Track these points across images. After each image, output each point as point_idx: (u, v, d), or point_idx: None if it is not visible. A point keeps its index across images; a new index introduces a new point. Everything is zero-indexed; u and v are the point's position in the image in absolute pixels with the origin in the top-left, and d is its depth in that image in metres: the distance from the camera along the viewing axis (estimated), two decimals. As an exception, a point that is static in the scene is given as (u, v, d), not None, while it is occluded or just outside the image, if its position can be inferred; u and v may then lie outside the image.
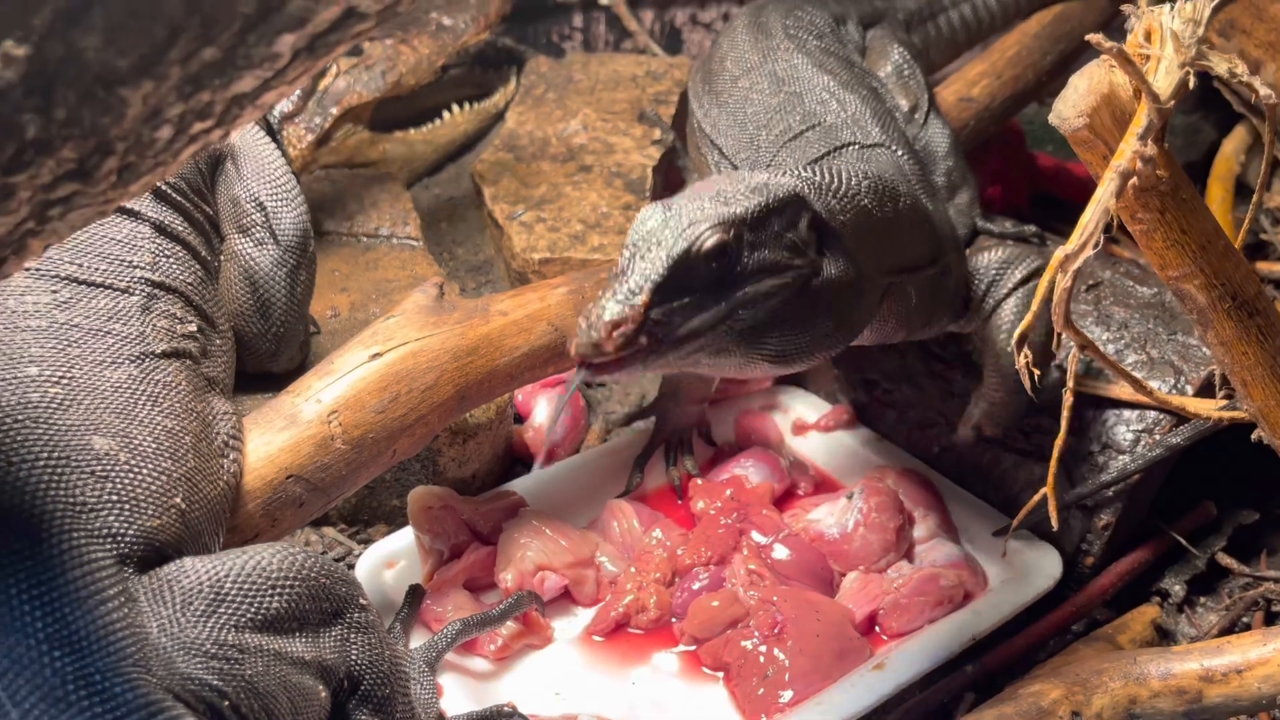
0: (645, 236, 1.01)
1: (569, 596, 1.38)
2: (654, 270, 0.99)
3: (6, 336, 1.04)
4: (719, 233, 1.01)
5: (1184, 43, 0.92)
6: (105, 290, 1.13)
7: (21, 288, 1.09)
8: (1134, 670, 1.16)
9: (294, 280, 1.42)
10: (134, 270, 1.18)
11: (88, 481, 0.96)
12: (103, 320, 1.10)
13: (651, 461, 1.54)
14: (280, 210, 1.40)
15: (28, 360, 1.02)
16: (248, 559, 0.98)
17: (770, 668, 1.25)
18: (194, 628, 0.92)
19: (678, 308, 0.99)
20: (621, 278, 0.99)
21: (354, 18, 0.64)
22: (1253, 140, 2.15)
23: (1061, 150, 2.42)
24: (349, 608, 1.05)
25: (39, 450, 0.95)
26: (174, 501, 1.01)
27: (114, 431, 1.01)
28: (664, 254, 0.99)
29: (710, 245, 1.00)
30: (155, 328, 1.15)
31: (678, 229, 1.01)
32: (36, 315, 1.07)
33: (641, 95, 2.20)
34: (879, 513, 1.41)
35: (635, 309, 0.97)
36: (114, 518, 0.95)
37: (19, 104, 0.62)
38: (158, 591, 0.94)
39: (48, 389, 1.00)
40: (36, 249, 0.75)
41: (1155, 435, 1.37)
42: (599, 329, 0.97)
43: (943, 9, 1.99)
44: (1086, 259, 0.97)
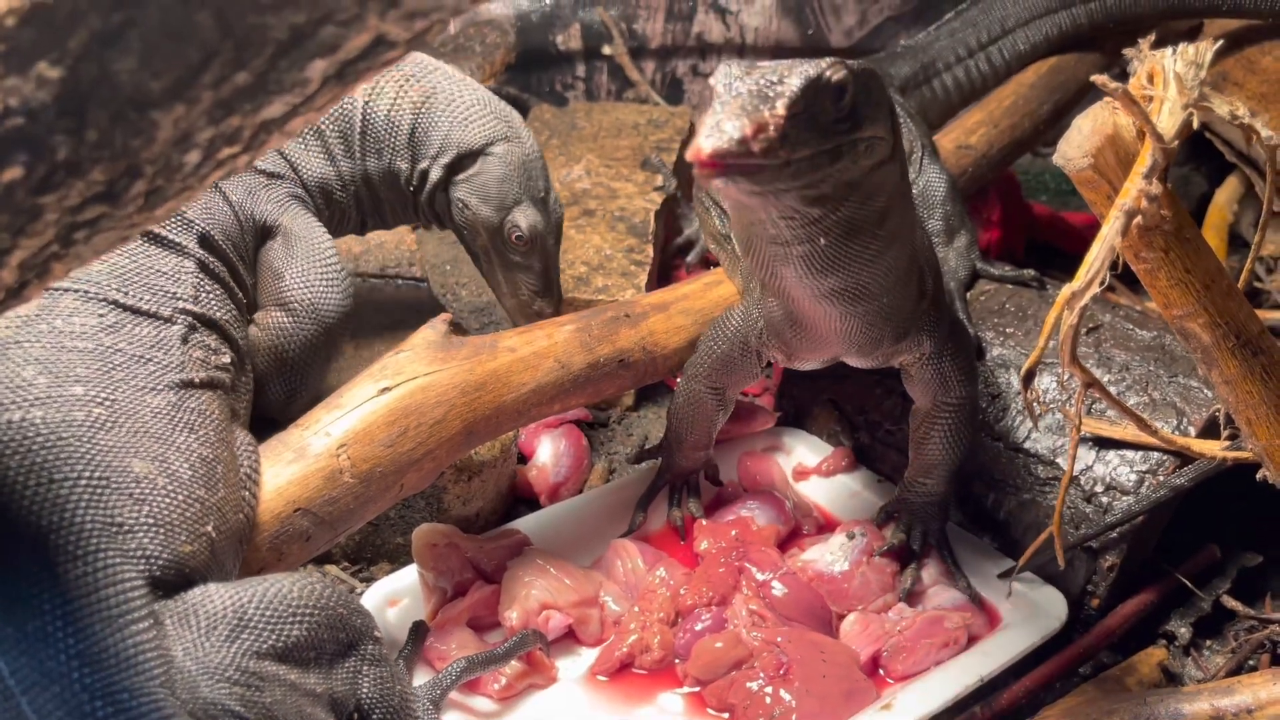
0: (743, 82, 0.97)
1: (573, 636, 1.37)
2: (788, 88, 0.95)
3: (53, 355, 1.05)
4: (844, 69, 1.00)
5: (1186, 84, 0.94)
6: (149, 318, 1.15)
7: (70, 309, 1.11)
8: (1144, 711, 1.15)
9: (324, 357, 1.46)
10: (176, 301, 1.20)
11: (125, 503, 0.97)
12: (145, 347, 1.12)
13: (655, 502, 1.54)
14: (329, 293, 1.43)
15: (73, 380, 1.03)
16: (269, 586, 0.98)
17: (777, 709, 1.24)
18: (217, 653, 0.93)
19: (804, 134, 0.96)
20: (731, 105, 0.94)
21: (383, 45, 0.66)
22: (1245, 190, 2.19)
23: (1056, 200, 2.46)
24: (364, 640, 1.05)
25: (80, 468, 0.96)
26: (206, 529, 1.02)
27: (153, 455, 1.02)
28: (794, 79, 0.96)
29: (839, 78, 1.00)
30: (193, 358, 1.17)
31: (789, 69, 0.98)
32: (83, 337, 1.09)
33: (643, 143, 2.23)
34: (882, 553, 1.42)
35: (776, 115, 0.93)
36: (149, 540, 0.96)
37: (51, 125, 0.62)
38: (183, 615, 0.94)
39: (91, 409, 1.02)
40: (59, 272, 0.75)
41: (1159, 476, 1.37)
42: (745, 127, 0.91)
43: (936, 73, 2.04)
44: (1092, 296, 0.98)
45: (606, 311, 1.46)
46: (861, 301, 1.20)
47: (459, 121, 1.57)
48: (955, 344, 1.34)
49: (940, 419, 1.38)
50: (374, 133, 1.56)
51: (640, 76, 2.58)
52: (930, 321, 1.30)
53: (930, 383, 1.35)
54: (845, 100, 1.02)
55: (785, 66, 1.01)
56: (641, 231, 1.98)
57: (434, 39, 0.69)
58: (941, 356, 1.33)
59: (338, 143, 1.56)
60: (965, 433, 1.39)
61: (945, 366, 1.34)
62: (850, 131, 1.03)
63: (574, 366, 1.38)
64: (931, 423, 1.39)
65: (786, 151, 0.95)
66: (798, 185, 1.01)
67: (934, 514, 1.45)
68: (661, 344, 1.48)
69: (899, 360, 1.34)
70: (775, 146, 0.94)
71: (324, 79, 0.66)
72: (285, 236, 1.44)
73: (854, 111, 1.03)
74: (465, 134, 1.57)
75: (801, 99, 0.97)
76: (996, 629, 1.37)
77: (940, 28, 2.09)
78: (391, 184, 1.60)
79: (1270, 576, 1.52)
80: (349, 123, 1.55)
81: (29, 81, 0.60)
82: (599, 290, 1.84)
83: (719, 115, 0.94)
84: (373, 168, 1.58)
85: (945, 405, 1.37)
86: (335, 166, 1.56)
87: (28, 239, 0.70)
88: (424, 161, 1.58)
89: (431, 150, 1.58)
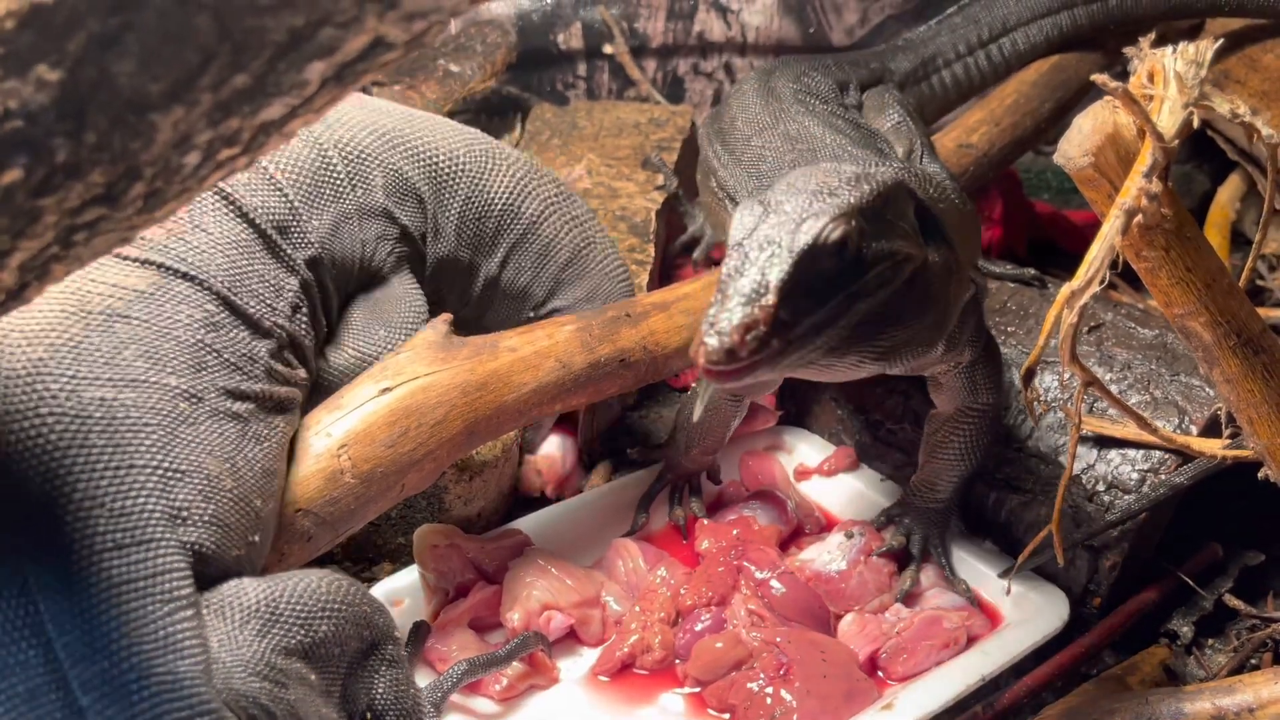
0: (754, 237, 0.99)
1: (575, 636, 1.38)
2: (779, 268, 0.96)
3: (156, 341, 1.06)
4: (842, 224, 0.99)
5: (1187, 83, 0.94)
6: (249, 325, 1.16)
7: (181, 295, 1.11)
8: (1145, 711, 1.15)
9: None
10: (275, 315, 1.20)
11: (193, 498, 0.99)
12: (239, 355, 1.13)
13: (657, 501, 1.54)
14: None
15: (169, 370, 1.05)
16: (299, 581, 1.01)
17: (778, 709, 1.24)
18: (250, 646, 0.95)
19: (803, 305, 0.97)
20: (737, 279, 0.96)
21: (382, 47, 0.66)
22: (1247, 188, 2.18)
23: (1058, 198, 2.45)
24: (385, 639, 1.07)
25: (159, 458, 0.99)
26: (253, 538, 1.04)
27: (225, 458, 1.04)
28: (786, 251, 0.97)
29: (835, 237, 0.99)
30: (278, 372, 1.17)
31: (793, 224, 0.98)
32: (186, 328, 1.09)
33: (645, 142, 2.23)
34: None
35: (766, 309, 0.94)
36: (206, 537, 0.99)
37: (50, 128, 0.63)
38: (219, 608, 0.96)
39: (179, 403, 1.03)
40: (59, 274, 0.75)
41: (1160, 475, 1.37)
42: (730, 334, 0.93)
43: (936, 69, 2.04)
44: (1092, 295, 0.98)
45: (607, 311, 1.46)
46: (917, 346, 1.18)
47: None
48: (989, 350, 1.34)
49: (963, 425, 1.38)
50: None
51: (641, 75, 2.58)
52: (972, 331, 1.30)
53: (960, 389, 1.34)
54: (849, 251, 1.00)
55: (796, 212, 0.99)
56: (643, 231, 1.98)
57: (433, 40, 0.69)
58: (976, 364, 1.32)
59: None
60: (985, 441, 1.39)
61: (978, 373, 1.33)
62: (861, 275, 1.01)
63: (575, 366, 1.38)
64: (953, 428, 1.38)
65: (779, 339, 0.95)
66: (802, 356, 1.00)
67: (936, 521, 1.44)
68: (663, 343, 1.48)
69: (935, 369, 1.33)
70: (767, 339, 0.94)
71: (323, 81, 0.66)
72: (386, 292, 1.40)
73: (860, 257, 1.01)
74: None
75: (794, 275, 0.96)
76: (998, 628, 1.37)
77: (941, 23, 2.08)
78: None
79: (1272, 575, 1.52)
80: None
81: (28, 84, 0.60)
82: (600, 290, 1.84)
83: (718, 309, 0.95)
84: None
85: (970, 411, 1.37)
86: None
87: (27, 241, 0.70)
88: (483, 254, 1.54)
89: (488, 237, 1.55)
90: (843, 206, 1.01)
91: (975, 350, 1.31)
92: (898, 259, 1.05)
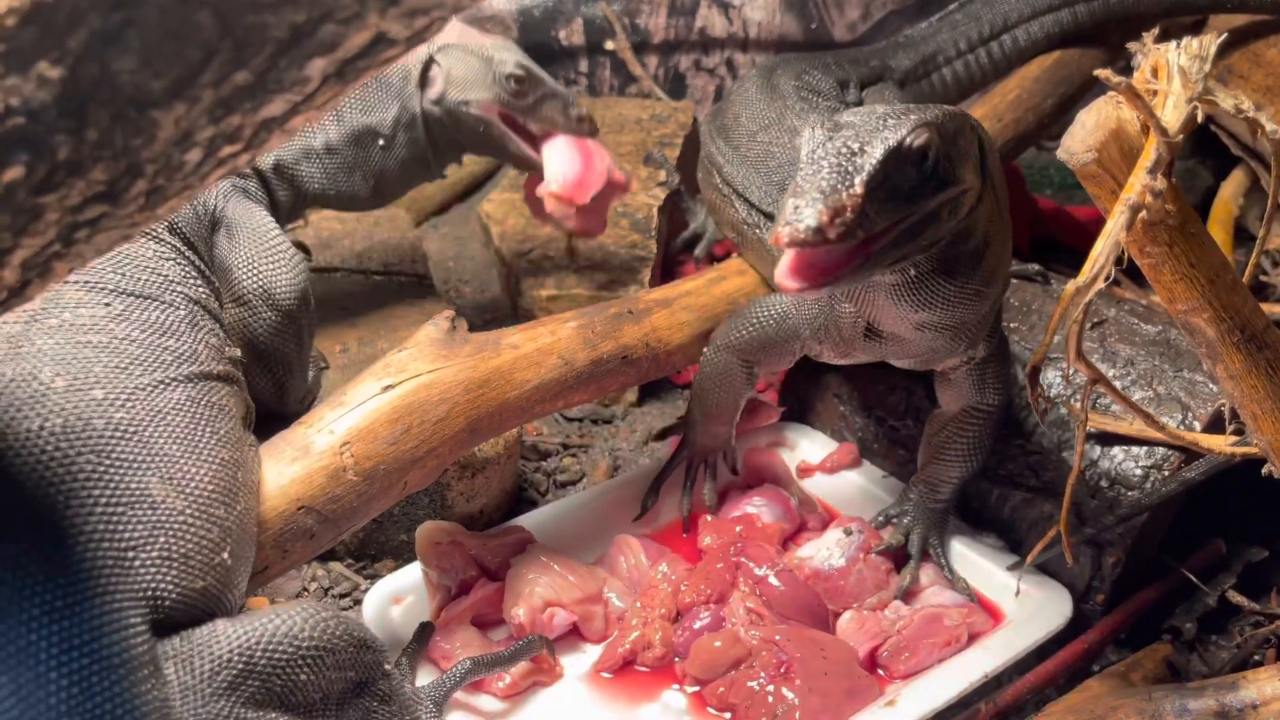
0: (828, 148, 0.97)
1: (577, 633, 1.37)
2: (867, 161, 0.94)
3: (71, 353, 0.95)
4: (925, 133, 0.99)
5: (1191, 78, 0.94)
6: (153, 302, 1.07)
7: (75, 300, 1.02)
8: (1149, 707, 1.15)
9: (295, 340, 1.43)
10: (173, 285, 1.13)
11: (141, 535, 0.88)
12: (156, 335, 1.03)
13: (664, 491, 1.54)
14: (277, 274, 1.40)
15: (93, 383, 0.94)
16: (279, 624, 0.91)
17: (780, 707, 1.23)
18: (218, 701, 0.86)
19: (884, 209, 0.96)
20: (814, 179, 0.94)
21: (383, 43, 0.66)
22: (1250, 184, 2.18)
23: (1060, 194, 2.45)
24: (375, 676, 1.00)
25: (98, 493, 0.87)
26: (221, 558, 0.94)
27: (174, 469, 0.94)
28: (873, 149, 0.95)
29: (920, 142, 0.98)
30: (207, 345, 1.09)
31: (872, 133, 0.97)
32: (95, 330, 0.99)
33: (646, 138, 2.23)
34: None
35: (854, 196, 0.93)
36: (161, 578, 0.88)
37: (52, 125, 0.62)
38: (186, 658, 0.87)
39: (112, 413, 0.93)
40: (61, 272, 0.75)
41: (1165, 471, 1.37)
42: (818, 214, 0.90)
43: (936, 67, 2.04)
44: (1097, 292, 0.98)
45: (610, 308, 1.46)
46: (953, 330, 1.18)
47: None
48: (1001, 349, 1.33)
49: (968, 425, 1.37)
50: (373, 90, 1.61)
51: (643, 72, 2.57)
52: (991, 327, 1.29)
53: (969, 387, 1.34)
54: (928, 163, 1.00)
55: (869, 125, 0.99)
56: (645, 227, 1.97)
57: (432, 35, 0.69)
58: (988, 362, 1.32)
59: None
60: (988, 442, 1.39)
61: (989, 372, 1.32)
62: (935, 194, 1.01)
63: (577, 363, 1.38)
64: (958, 428, 1.38)
65: (864, 231, 0.94)
66: (883, 266, 1.00)
67: (936, 520, 1.44)
68: (665, 340, 1.48)
69: (948, 365, 1.32)
70: (853, 228, 0.93)
71: (324, 77, 0.66)
72: (228, 228, 1.42)
73: (937, 171, 1.01)
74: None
75: (881, 171, 0.96)
76: (1000, 625, 1.37)
77: (943, 19, 2.08)
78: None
79: (1275, 571, 1.52)
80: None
81: (30, 81, 0.60)
82: (602, 287, 1.84)
83: (797, 199, 0.93)
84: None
85: (976, 410, 1.36)
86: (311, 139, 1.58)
87: (29, 238, 0.70)
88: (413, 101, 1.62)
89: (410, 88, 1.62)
90: (925, 118, 1.00)
91: (990, 347, 1.31)
92: (965, 187, 1.04)
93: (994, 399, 1.35)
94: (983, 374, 1.33)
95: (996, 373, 1.33)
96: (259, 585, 1.14)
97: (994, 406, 1.35)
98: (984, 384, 1.34)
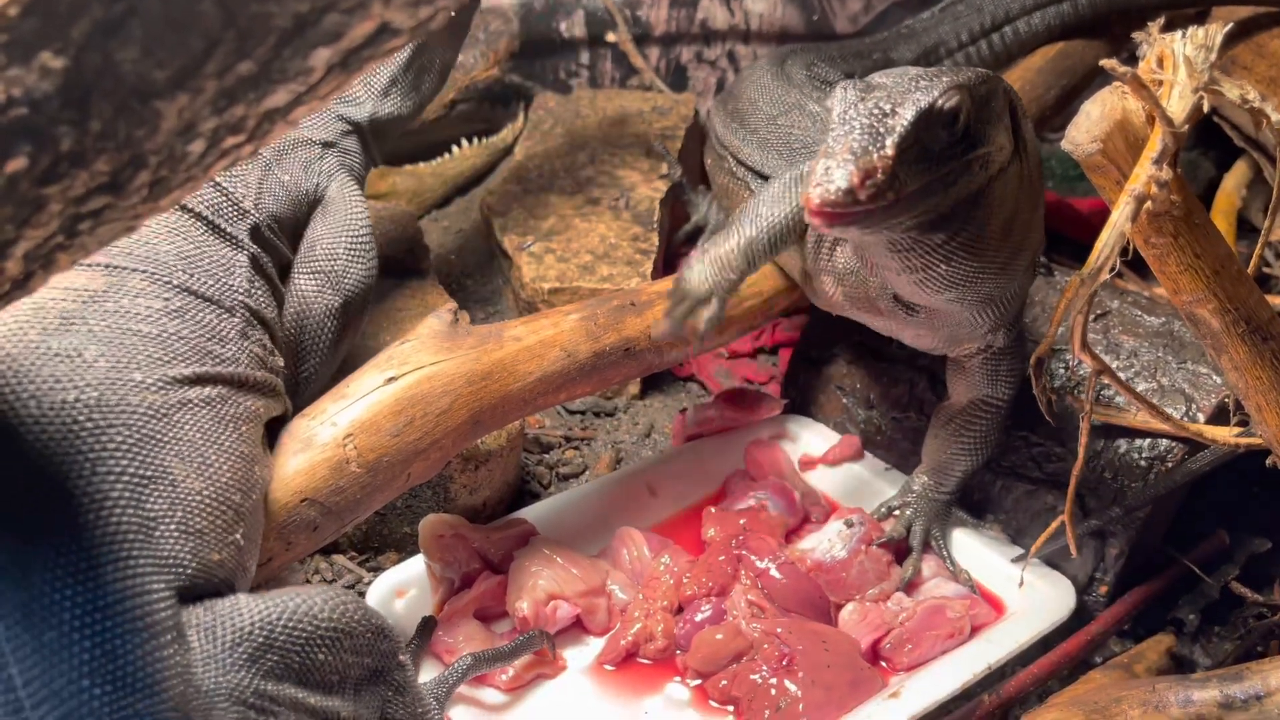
0: (860, 109, 0.99)
1: (581, 625, 1.38)
2: (899, 123, 0.97)
3: (119, 338, 1.00)
4: (957, 94, 1.00)
5: (1197, 68, 0.93)
6: (212, 306, 1.12)
7: (136, 289, 1.07)
8: (1152, 698, 1.15)
9: (340, 334, 1.44)
10: (235, 294, 1.18)
11: (162, 507, 0.92)
12: (206, 337, 1.09)
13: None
14: (353, 264, 1.43)
15: (134, 365, 0.99)
16: (299, 603, 0.94)
17: (783, 700, 1.24)
18: (237, 673, 0.88)
19: (914, 169, 0.98)
20: (846, 140, 0.96)
21: (387, 33, 0.65)
22: (1253, 175, 2.17)
23: (1062, 186, 2.44)
24: (390, 665, 1.01)
25: (126, 463, 0.91)
26: (234, 536, 0.98)
27: (196, 453, 0.98)
28: (905, 110, 0.97)
29: (952, 105, 0.99)
30: (250, 354, 1.14)
31: (905, 95, 0.98)
32: (148, 320, 1.04)
33: (648, 130, 2.22)
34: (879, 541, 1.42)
35: (885, 158, 0.95)
36: (180, 548, 0.91)
37: (55, 116, 0.62)
38: (209, 628, 0.89)
39: (148, 395, 0.97)
40: (64, 263, 0.75)
41: (1168, 462, 1.37)
42: (849, 176, 0.93)
43: (938, 58, 2.04)
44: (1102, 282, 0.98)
45: (612, 300, 1.46)
46: (979, 304, 1.17)
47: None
48: (1018, 343, 1.33)
49: (977, 418, 1.37)
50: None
51: (644, 64, 2.57)
52: (1013, 317, 1.28)
53: (982, 378, 1.33)
54: (959, 125, 1.00)
55: (901, 87, 0.99)
56: (646, 219, 1.97)
57: (437, 25, 0.68)
58: (1004, 354, 1.31)
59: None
60: (996, 436, 1.38)
61: (1003, 364, 1.32)
62: (966, 153, 1.02)
63: (580, 355, 1.38)
64: (966, 421, 1.38)
65: (894, 193, 0.95)
66: (911, 217, 1.01)
67: (938, 513, 1.44)
68: (668, 337, 1.48)
69: (964, 351, 1.32)
70: (884, 190, 0.95)
71: (328, 67, 0.66)
72: (324, 206, 1.45)
73: (968, 132, 1.01)
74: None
75: (912, 133, 0.97)
76: (1003, 617, 1.37)
77: (944, 10, 2.07)
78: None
79: (1279, 563, 1.52)
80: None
81: (32, 71, 0.60)
82: (604, 279, 1.84)
83: (828, 161, 0.95)
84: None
85: (985, 403, 1.36)
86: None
87: (32, 230, 0.69)
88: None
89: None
90: (957, 80, 1.01)
91: (1009, 337, 1.30)
92: (997, 147, 1.05)
93: (1005, 392, 1.35)
94: (997, 365, 1.33)
95: (1011, 367, 1.33)
96: (264, 577, 1.14)
97: (1004, 401, 1.35)
98: (997, 376, 1.33)
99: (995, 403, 1.36)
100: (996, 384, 1.34)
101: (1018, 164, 1.11)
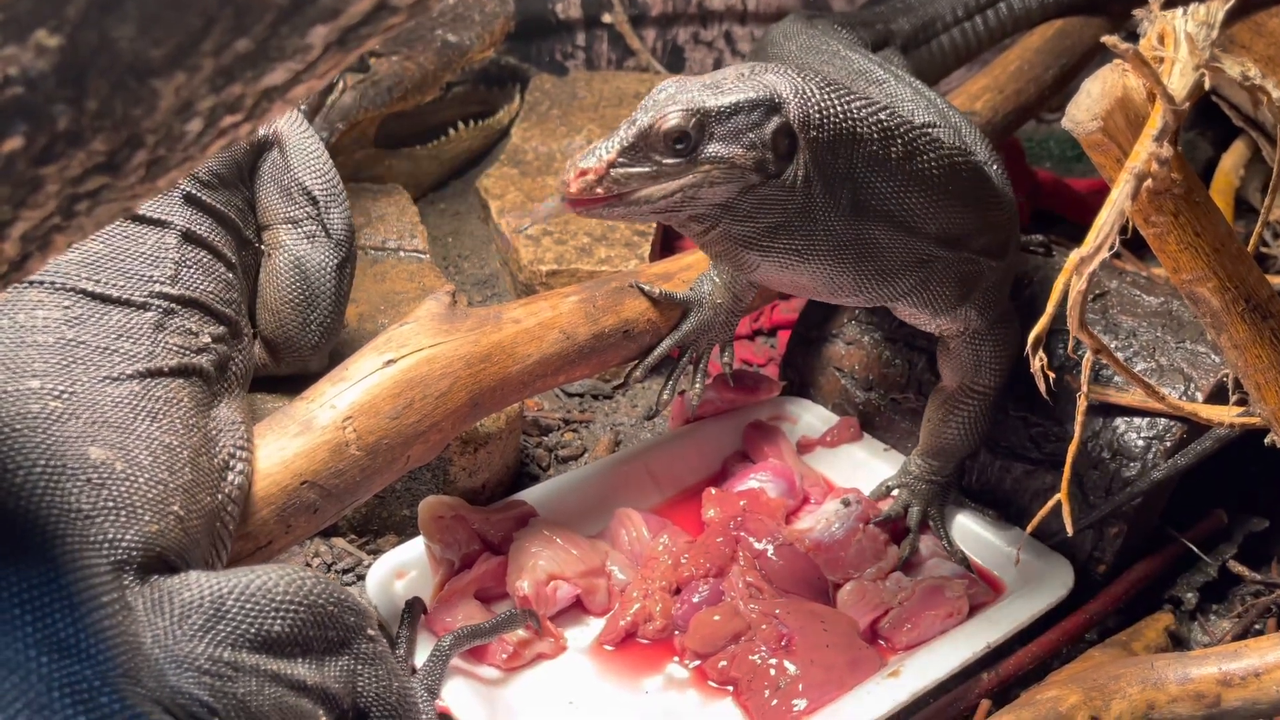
0: (645, 106, 1.13)
1: (581, 606, 1.38)
2: (625, 135, 1.11)
3: (12, 351, 1.04)
4: (679, 118, 1.11)
5: (1198, 45, 0.93)
6: (120, 306, 1.13)
7: (34, 302, 1.09)
8: (1151, 675, 1.16)
9: (341, 274, 1.43)
10: (153, 285, 1.17)
11: (83, 489, 0.95)
12: (111, 338, 1.10)
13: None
14: (330, 205, 1.41)
15: (30, 374, 1.02)
16: (253, 578, 0.96)
17: (782, 680, 1.24)
18: (189, 642, 0.91)
19: (636, 173, 1.11)
20: (613, 133, 1.12)
21: (385, 10, 0.65)
22: (1251, 155, 2.17)
23: (1060, 166, 2.44)
24: (356, 638, 1.03)
25: (35, 458, 0.95)
26: (171, 509, 1.00)
27: (111, 443, 1.00)
28: (636, 123, 1.11)
29: (668, 127, 1.10)
30: (166, 345, 1.14)
31: (660, 105, 1.12)
32: (45, 330, 1.07)
33: (645, 111, 2.21)
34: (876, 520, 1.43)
35: (601, 163, 1.10)
36: (110, 524, 0.94)
37: (51, 94, 0.61)
38: (157, 602, 0.92)
39: (48, 401, 1.00)
40: (61, 245, 0.74)
41: (1167, 442, 1.37)
42: (571, 170, 1.11)
43: (935, 34, 2.02)
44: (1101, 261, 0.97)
45: (610, 282, 1.46)
46: (828, 275, 1.21)
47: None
48: (1003, 331, 1.34)
49: (963, 403, 1.38)
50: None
51: (641, 45, 2.55)
52: (983, 298, 1.29)
53: (965, 362, 1.35)
54: (685, 143, 1.11)
55: (666, 98, 1.12)
56: (644, 201, 1.96)
57: (434, 6, 0.68)
58: (984, 338, 1.33)
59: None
60: (984, 423, 1.39)
61: (984, 350, 1.34)
62: (698, 166, 1.12)
63: (579, 337, 1.38)
64: (954, 405, 1.39)
65: (605, 190, 1.11)
66: (636, 209, 1.13)
67: (935, 494, 1.44)
68: (666, 314, 1.48)
69: (943, 328, 1.33)
70: (593, 187, 1.10)
71: (326, 45, 0.65)
72: (281, 148, 1.41)
73: (696, 148, 1.12)
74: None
75: (631, 149, 1.11)
76: (1003, 596, 1.38)
77: None
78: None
79: (1276, 541, 1.52)
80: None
81: (28, 50, 0.59)
82: (602, 261, 1.83)
83: (588, 150, 1.12)
84: None
85: (971, 390, 1.37)
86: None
87: (29, 210, 0.69)
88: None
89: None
90: (694, 105, 1.12)
91: (985, 320, 1.31)
92: (732, 163, 1.12)
93: (989, 380, 1.36)
94: (979, 350, 1.33)
95: (994, 354, 1.34)
96: (264, 560, 1.14)
97: (989, 389, 1.36)
98: (979, 363, 1.34)
99: (979, 391, 1.37)
100: (979, 371, 1.35)
101: (782, 189, 1.15)
